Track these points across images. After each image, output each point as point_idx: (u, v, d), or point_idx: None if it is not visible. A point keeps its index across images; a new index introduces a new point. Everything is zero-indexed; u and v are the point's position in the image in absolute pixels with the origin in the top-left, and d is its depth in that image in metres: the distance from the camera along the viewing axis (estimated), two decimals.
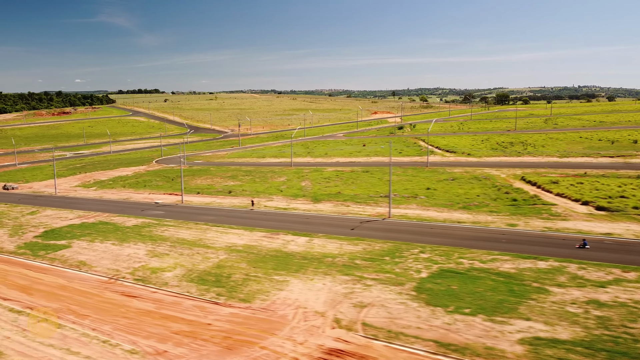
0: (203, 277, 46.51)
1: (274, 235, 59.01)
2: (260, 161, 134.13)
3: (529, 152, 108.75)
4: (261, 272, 46.78)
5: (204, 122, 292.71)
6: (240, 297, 41.18)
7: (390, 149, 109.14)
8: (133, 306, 41.10)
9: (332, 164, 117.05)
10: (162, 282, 45.84)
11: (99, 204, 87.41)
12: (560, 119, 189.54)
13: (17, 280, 49.19)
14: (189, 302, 41.24)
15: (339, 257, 49.16)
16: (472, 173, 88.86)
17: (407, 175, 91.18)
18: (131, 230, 65.61)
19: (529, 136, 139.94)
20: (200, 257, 52.45)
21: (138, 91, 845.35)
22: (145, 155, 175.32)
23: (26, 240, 64.60)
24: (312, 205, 74.10)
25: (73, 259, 54.65)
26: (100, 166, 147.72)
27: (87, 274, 49.92)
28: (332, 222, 63.78)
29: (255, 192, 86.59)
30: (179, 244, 57.78)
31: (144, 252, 55.58)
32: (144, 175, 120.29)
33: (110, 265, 51.97)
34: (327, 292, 40.85)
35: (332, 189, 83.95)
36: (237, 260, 50.62)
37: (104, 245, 59.18)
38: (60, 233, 66.74)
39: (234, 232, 61.72)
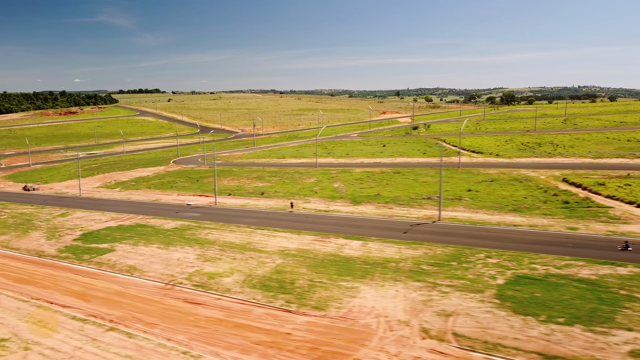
0: (265, 283, 44.90)
1: (325, 238, 57.40)
2: (281, 162, 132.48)
3: (560, 153, 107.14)
4: (325, 277, 45.18)
5: (213, 122, 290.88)
6: (312, 305, 39.56)
7: (441, 151, 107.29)
8: (200, 314, 39.49)
9: (357, 165, 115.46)
10: (223, 289, 44.22)
11: (129, 205, 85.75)
12: (578, 119, 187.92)
13: (69, 286, 47.59)
14: (259, 309, 39.63)
15: (402, 262, 47.56)
16: (509, 174, 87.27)
17: (433, 178, 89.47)
18: (173, 233, 63.98)
19: (553, 136, 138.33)
20: (255, 261, 50.84)
21: (139, 91, 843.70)
22: (159, 155, 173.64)
23: (65, 243, 62.97)
24: (353, 208, 72.49)
25: (122, 264, 53.02)
26: (117, 167, 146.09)
27: (141, 279, 48.29)
28: (380, 224, 62.16)
29: (288, 194, 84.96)
30: (229, 247, 56.16)
31: (193, 256, 53.95)
32: (165, 176, 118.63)
33: (162, 270, 50.35)
34: (403, 300, 39.26)
35: (369, 190, 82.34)
36: (295, 265, 49.02)
37: (150, 249, 57.56)
38: (99, 236, 65.11)
39: (282, 235, 60.09)
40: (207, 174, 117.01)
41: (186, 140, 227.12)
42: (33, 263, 56.26)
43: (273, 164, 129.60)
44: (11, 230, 72.02)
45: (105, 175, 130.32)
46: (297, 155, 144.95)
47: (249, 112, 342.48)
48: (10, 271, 53.51)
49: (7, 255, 60.26)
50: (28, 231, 70.88)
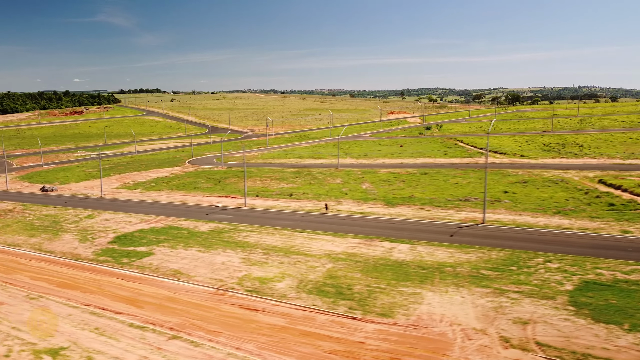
0: (320, 288, 43.61)
1: (370, 242, 56.11)
2: (299, 162, 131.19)
3: (587, 154, 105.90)
4: (383, 283, 43.89)
5: (221, 122, 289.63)
6: (377, 312, 38.27)
7: (487, 152, 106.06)
8: (262, 321, 38.19)
9: (379, 166, 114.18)
10: (279, 294, 42.92)
11: (155, 207, 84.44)
12: (594, 120, 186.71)
13: (116, 291, 46.28)
14: (322, 316, 38.33)
15: (459, 267, 46.27)
16: (541, 176, 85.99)
17: (472, 178, 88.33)
18: (210, 236, 62.68)
19: (573, 137, 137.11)
20: (304, 265, 49.55)
21: (140, 90, 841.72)
22: (172, 156, 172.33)
23: (100, 246, 61.67)
24: (389, 210, 71.20)
25: (165, 267, 51.71)
26: (132, 167, 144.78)
27: (190, 284, 46.98)
28: (423, 227, 60.87)
29: (317, 195, 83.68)
30: (272, 251, 54.85)
31: (238, 260, 52.65)
32: (184, 176, 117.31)
33: (209, 274, 49.05)
34: (472, 307, 37.96)
35: (400, 192, 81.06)
36: (347, 269, 47.73)
37: (190, 253, 56.25)
38: (133, 239, 63.81)
39: (324, 238, 58.80)
40: (226, 174, 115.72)
41: (196, 140, 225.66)
42: (71, 267, 54.96)
43: (292, 164, 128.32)
44: (40, 233, 70.73)
45: (121, 175, 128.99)
46: (314, 155, 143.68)
47: (255, 112, 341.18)
48: (50, 275, 52.22)
49: (43, 258, 58.98)
50: (58, 233, 69.57)
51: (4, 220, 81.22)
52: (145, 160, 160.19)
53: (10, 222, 79.38)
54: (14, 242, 67.04)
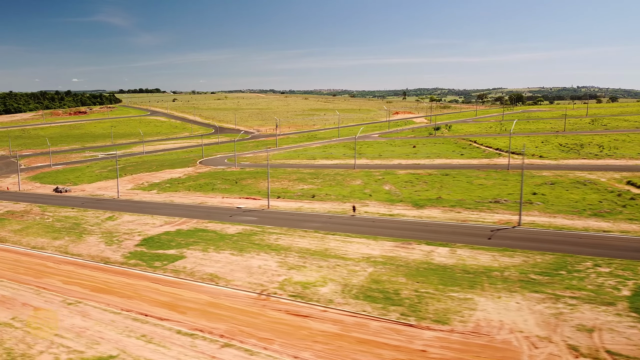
0: (366, 293, 42.53)
1: (406, 245, 55.04)
2: (313, 163, 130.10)
3: (608, 155, 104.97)
4: (430, 287, 42.82)
5: (226, 122, 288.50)
6: (432, 318, 37.20)
7: (523, 154, 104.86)
8: (313, 328, 37.10)
9: (396, 167, 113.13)
10: (325, 300, 41.83)
11: (176, 208, 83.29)
12: (605, 120, 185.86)
13: (154, 296, 45.15)
14: (375, 323, 37.25)
15: (506, 271, 45.23)
16: (567, 177, 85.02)
17: (496, 179, 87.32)
18: (239, 239, 61.56)
19: (589, 137, 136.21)
20: (344, 270, 48.46)
21: (139, 90, 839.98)
22: (181, 156, 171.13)
23: (128, 249, 60.52)
24: (418, 212, 70.14)
25: (200, 271, 50.59)
26: (143, 167, 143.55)
27: (229, 289, 45.87)
28: (457, 230, 59.82)
29: (340, 197, 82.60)
30: (308, 254, 53.76)
31: (274, 263, 51.54)
32: (199, 177, 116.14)
33: (247, 278, 47.94)
34: (530, 313, 36.91)
35: (425, 193, 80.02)
36: (390, 273, 46.65)
37: (223, 256, 55.14)
38: (161, 241, 62.67)
39: (357, 241, 57.72)
40: (242, 175, 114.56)
41: (204, 140, 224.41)
42: (102, 270, 53.83)
43: (306, 165, 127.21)
44: (63, 235, 69.55)
45: (134, 176, 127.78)
46: (327, 156, 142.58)
47: (260, 112, 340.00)
48: (82, 279, 51.07)
49: (71, 261, 57.82)
50: (82, 236, 68.42)
51: (23, 222, 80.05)
52: (155, 161, 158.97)
53: (30, 223, 78.20)
54: (37, 245, 65.88)
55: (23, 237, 70.61)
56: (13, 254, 62.62)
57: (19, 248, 65.41)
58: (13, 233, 73.15)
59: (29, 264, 57.70)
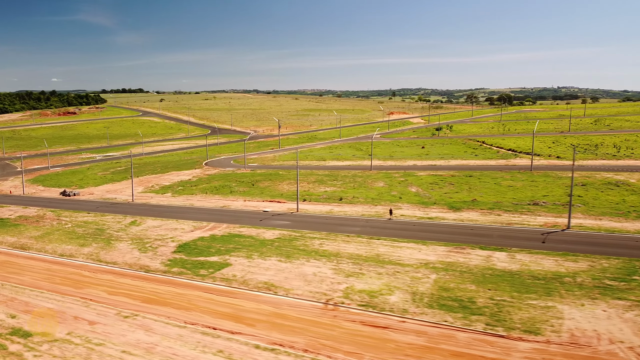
0: (440, 301, 40.94)
1: (460, 249, 53.61)
2: (325, 164, 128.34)
3: (627, 155, 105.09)
4: (505, 295, 41.40)
5: (221, 123, 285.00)
6: (520, 328, 35.75)
7: (573, 154, 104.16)
8: (398, 340, 35.36)
9: (412, 168, 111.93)
10: (398, 309, 40.12)
11: (199, 212, 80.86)
12: (608, 120, 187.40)
13: (211, 307, 42.98)
14: (461, 334, 35.66)
15: (577, 277, 44.06)
16: (595, 178, 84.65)
17: (523, 181, 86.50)
18: (281, 244, 59.52)
19: (599, 138, 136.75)
20: (406, 276, 46.82)
21: (122, 90, 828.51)
22: (183, 157, 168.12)
23: (166, 256, 58.09)
24: (456, 214, 68.85)
25: (253, 280, 48.50)
26: (146, 169, 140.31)
27: (291, 298, 43.89)
28: (506, 233, 58.60)
29: (370, 199, 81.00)
30: (361, 260, 52.01)
31: (328, 270, 49.67)
32: (211, 179, 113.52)
33: (306, 287, 46.02)
34: (622, 321, 35.68)
35: (456, 195, 78.83)
36: (456, 280, 45.13)
37: (271, 263, 53.10)
38: (199, 248, 60.36)
39: (407, 245, 56.12)
40: (256, 177, 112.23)
41: (202, 141, 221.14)
42: (145, 279, 51.40)
43: (317, 166, 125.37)
44: (90, 241, 66.75)
45: (140, 179, 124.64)
46: (337, 157, 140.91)
47: (254, 113, 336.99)
48: (128, 289, 48.61)
49: (107, 270, 55.21)
50: (110, 242, 65.70)
51: (41, 227, 76.90)
52: (157, 163, 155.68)
53: (49, 229, 75.10)
54: (65, 252, 63.02)
55: (46, 243, 67.61)
56: (42, 262, 59.77)
57: (45, 256, 62.51)
58: (35, 240, 70.07)
59: (64, 273, 54.97)
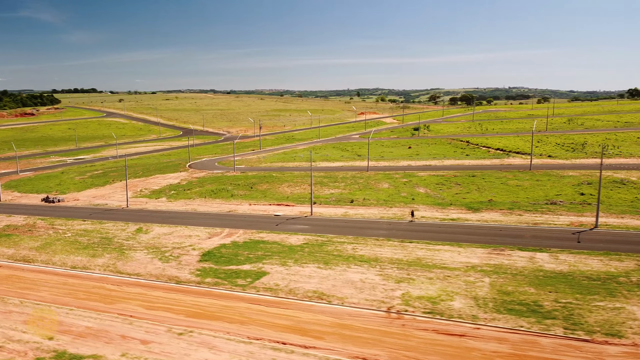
0: (505, 306, 40.30)
1: (499, 251, 53.33)
2: (316, 165, 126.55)
3: (617, 154, 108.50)
4: (569, 297, 41.21)
5: (191, 124, 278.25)
6: (600, 331, 35.48)
7: (602, 153, 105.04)
8: (482, 348, 34.41)
9: (408, 168, 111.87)
10: (467, 315, 39.19)
11: (206, 218, 77.78)
12: (581, 120, 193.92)
13: (268, 319, 40.83)
14: (544, 340, 35.05)
15: (631, 276, 44.38)
16: (596, 177, 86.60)
17: (528, 180, 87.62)
18: (313, 250, 57.64)
19: (581, 137, 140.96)
20: (458, 280, 46.01)
21: (74, 90, 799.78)
22: (161, 160, 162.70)
23: (193, 265, 55.18)
24: (477, 215, 68.80)
25: (300, 289, 46.53)
26: (128, 173, 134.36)
27: (348, 307, 42.25)
28: (537, 234, 58.75)
29: (381, 201, 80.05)
30: (404, 265, 50.87)
31: (374, 276, 48.27)
32: (203, 183, 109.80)
33: (359, 294, 44.48)
34: None
35: (469, 195, 78.98)
36: (512, 283, 44.65)
37: (311, 270, 51.22)
38: (225, 256, 57.72)
39: (444, 248, 55.41)
40: (250, 180, 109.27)
41: (176, 143, 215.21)
42: (180, 292, 48.52)
43: (309, 168, 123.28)
44: (101, 251, 62.79)
45: (124, 183, 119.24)
46: (326, 158, 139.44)
47: (223, 113, 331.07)
48: (166, 303, 45.68)
49: (132, 282, 51.87)
50: (124, 252, 61.98)
51: (37, 237, 71.94)
52: (136, 165, 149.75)
53: (47, 239, 70.31)
54: (77, 264, 58.94)
55: (51, 255, 63.14)
56: (54, 276, 55.63)
57: (55, 269, 58.28)
58: (36, 251, 65.37)
59: (85, 287, 51.25)
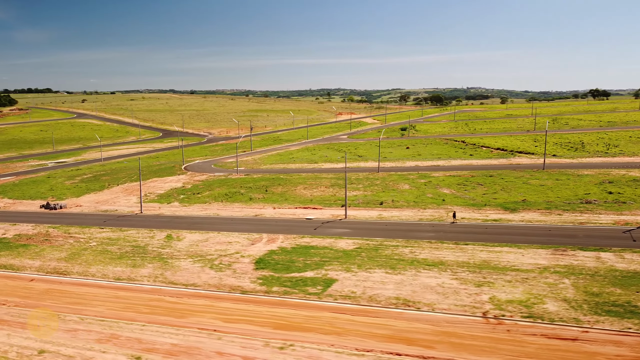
0: (601, 307, 40.29)
1: (562, 251, 53.56)
2: (320, 167, 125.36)
3: (620, 152, 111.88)
4: None
5: (169, 125, 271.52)
6: None
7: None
8: (605, 352, 34.11)
9: (417, 169, 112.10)
10: (569, 318, 38.90)
11: (235, 223, 75.49)
12: (565, 119, 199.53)
13: (363, 329, 39.40)
14: None
15: None
16: (612, 175, 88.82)
17: (547, 180, 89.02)
18: (370, 254, 56.45)
19: (575, 136, 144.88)
20: (539, 282, 45.85)
21: (29, 90, 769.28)
22: (150, 163, 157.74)
23: (251, 274, 53.06)
24: (517, 215, 69.16)
25: (380, 295, 45.32)
26: (121, 177, 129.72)
27: (440, 313, 41.28)
28: (588, 233, 59.38)
29: (412, 203, 79.57)
30: (476, 268, 50.34)
31: (451, 281, 47.52)
32: (211, 186, 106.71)
33: (445, 300, 43.61)
34: None
35: (495, 195, 79.56)
36: (594, 284, 44.76)
37: (379, 275, 50.06)
38: (280, 262, 55.86)
39: (505, 250, 55.20)
40: (258, 182, 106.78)
41: (159, 144, 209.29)
42: (247, 302, 46.43)
43: (313, 169, 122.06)
44: (143, 262, 59.64)
45: (123, 187, 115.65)
46: (325, 159, 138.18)
47: (199, 114, 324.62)
48: (243, 315, 43.58)
49: (192, 293, 49.34)
50: (166, 261, 59.10)
51: (59, 247, 67.88)
52: (126, 169, 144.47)
53: (73, 249, 66.37)
54: (120, 276, 55.78)
55: (85, 266, 59.52)
56: (101, 289, 52.43)
57: (97, 281, 54.97)
58: (66, 262, 61.54)
59: (142, 300, 48.38)
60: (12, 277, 58.22)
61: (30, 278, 57.24)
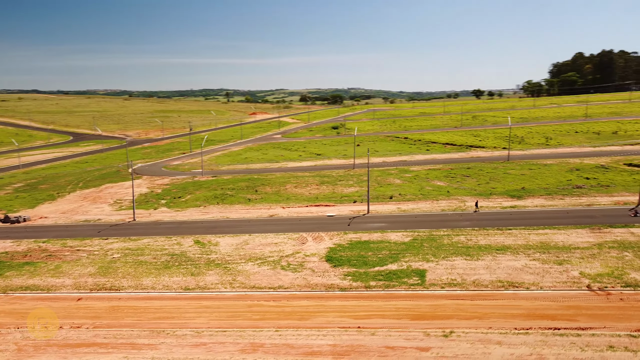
0: None
1: (598, 229, 60.20)
2: (285, 166, 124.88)
3: (560, 144, 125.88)
4: None
5: (75, 128, 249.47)
6: None
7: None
8: None
9: (386, 165, 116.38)
10: None
11: (258, 224, 73.66)
12: (481, 117, 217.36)
13: (499, 311, 41.86)
14: None
15: None
16: (575, 164, 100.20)
17: (522, 170, 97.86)
18: (432, 244, 58.58)
19: (505, 131, 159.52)
20: (610, 256, 51.50)
21: None
22: (82, 168, 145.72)
23: (333, 272, 52.92)
24: (527, 202, 75.64)
25: (484, 280, 47.96)
26: (66, 185, 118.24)
27: (550, 291, 44.99)
28: (605, 213, 66.41)
29: (420, 196, 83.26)
30: (542, 249, 54.73)
31: (531, 262, 51.50)
32: (187, 188, 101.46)
33: (544, 278, 47.37)
34: None
35: (488, 185, 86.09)
36: None
37: (463, 263, 52.55)
38: (353, 258, 56.17)
39: (550, 232, 60.41)
40: (238, 183, 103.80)
41: (77, 149, 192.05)
42: (355, 298, 46.59)
43: (281, 169, 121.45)
44: (201, 270, 56.18)
45: (79, 194, 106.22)
46: (284, 158, 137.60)
47: (102, 115, 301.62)
48: (367, 310, 43.65)
49: (289, 295, 48.11)
50: (227, 267, 56.36)
51: (76, 262, 61.21)
52: (61, 176, 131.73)
53: (100, 263, 60.25)
54: (188, 285, 52.18)
55: (134, 280, 54.62)
56: (180, 301, 48.82)
57: (161, 293, 50.97)
58: (104, 277, 55.87)
59: (242, 308, 46.12)
60: (49, 299, 51.59)
61: (78, 297, 51.13)
